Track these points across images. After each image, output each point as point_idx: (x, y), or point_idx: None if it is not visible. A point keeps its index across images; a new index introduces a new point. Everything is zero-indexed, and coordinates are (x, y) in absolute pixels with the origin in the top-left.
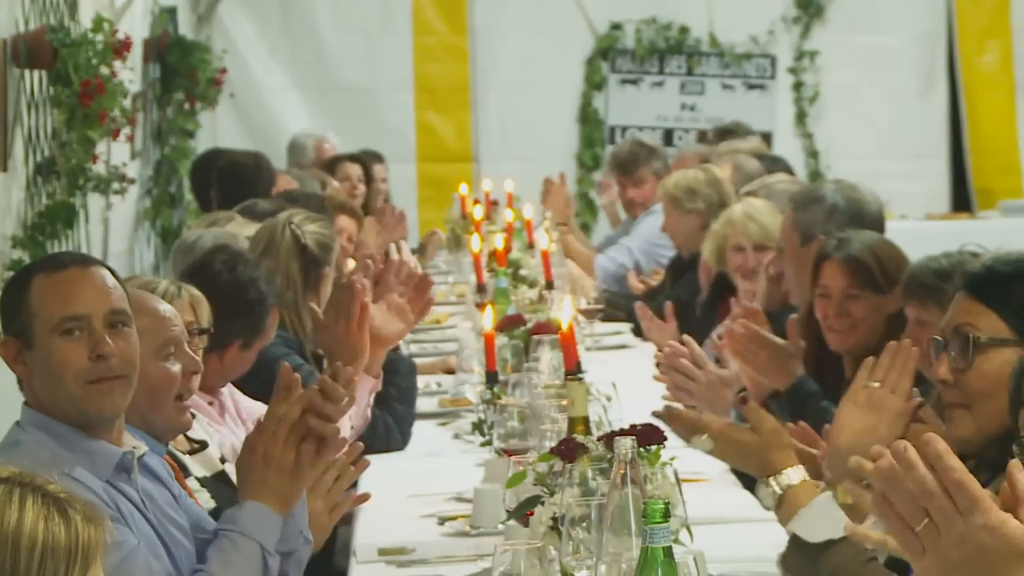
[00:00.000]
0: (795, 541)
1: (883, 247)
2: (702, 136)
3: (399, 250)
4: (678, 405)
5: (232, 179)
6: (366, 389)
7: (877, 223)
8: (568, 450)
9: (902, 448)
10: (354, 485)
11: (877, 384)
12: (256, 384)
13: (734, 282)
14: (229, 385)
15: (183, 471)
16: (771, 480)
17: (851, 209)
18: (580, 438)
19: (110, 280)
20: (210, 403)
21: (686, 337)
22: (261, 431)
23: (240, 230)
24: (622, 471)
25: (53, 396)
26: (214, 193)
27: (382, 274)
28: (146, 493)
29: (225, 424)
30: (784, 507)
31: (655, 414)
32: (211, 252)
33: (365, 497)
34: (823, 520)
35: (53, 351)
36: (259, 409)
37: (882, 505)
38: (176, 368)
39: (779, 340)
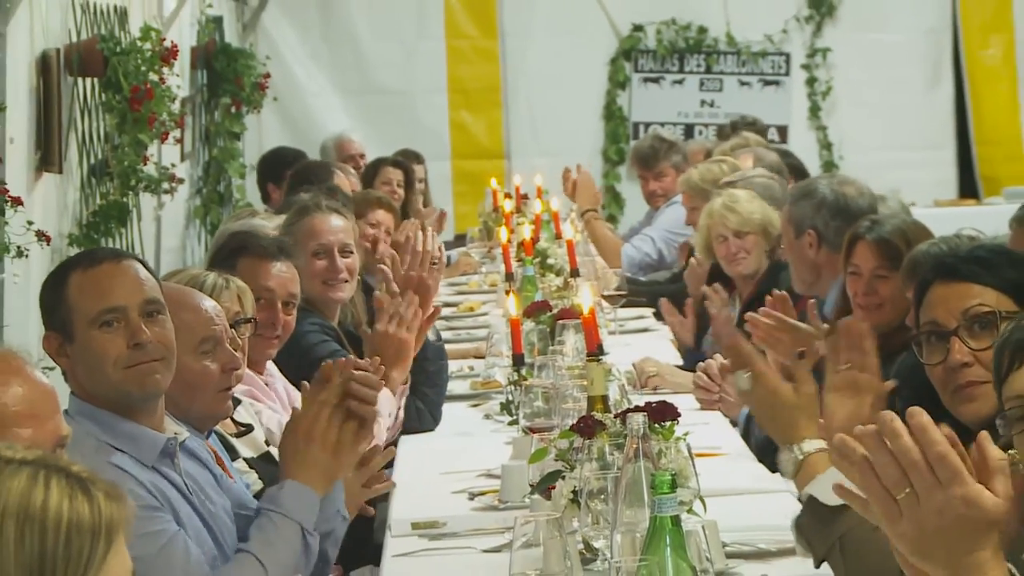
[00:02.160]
0: (810, 504)
1: (914, 230)
2: (722, 131)
3: (424, 238)
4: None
5: (303, 179)
6: (390, 401)
7: (864, 215)
8: (587, 427)
9: (888, 419)
10: (390, 465)
11: (847, 367)
12: (295, 369)
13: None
14: (279, 374)
15: (232, 452)
16: (794, 446)
17: (838, 202)
18: (598, 416)
19: (143, 272)
20: (259, 374)
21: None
22: (302, 415)
23: (266, 222)
24: (635, 445)
25: (96, 385)
26: (278, 192)
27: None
28: (189, 476)
29: (274, 400)
30: (803, 472)
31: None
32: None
33: (390, 484)
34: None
35: (93, 343)
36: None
37: (865, 470)
38: (214, 366)
39: (801, 324)
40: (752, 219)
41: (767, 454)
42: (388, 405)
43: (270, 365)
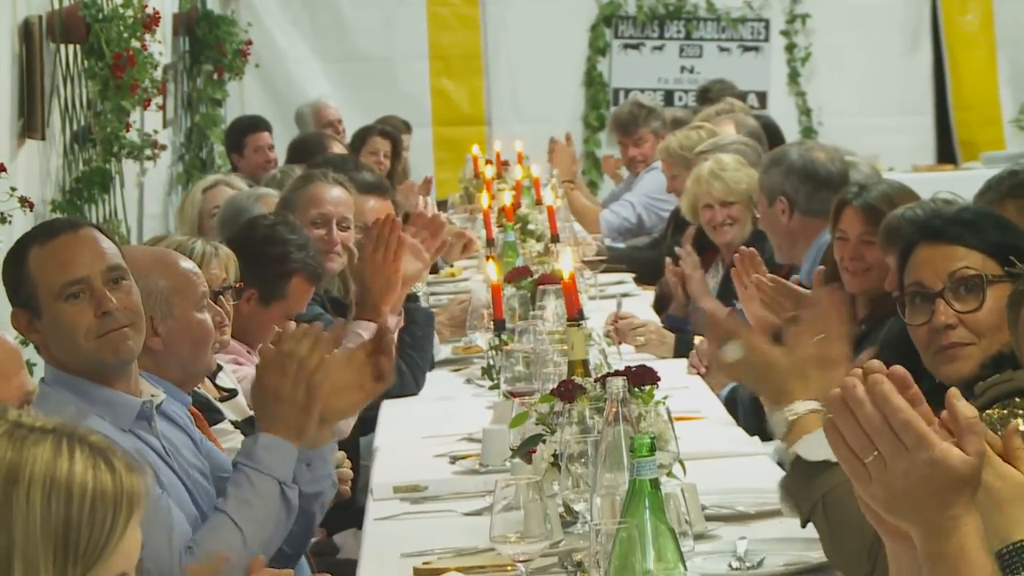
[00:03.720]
0: (796, 462)
1: (900, 195)
2: (701, 95)
3: (425, 205)
4: None
5: (299, 152)
6: (391, 325)
7: (834, 181)
8: (567, 391)
9: (851, 385)
10: (371, 430)
11: (821, 336)
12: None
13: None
14: None
15: (219, 414)
16: (785, 408)
17: (806, 168)
18: (579, 380)
19: (103, 240)
20: (249, 352)
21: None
22: (267, 367)
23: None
24: (614, 409)
25: (69, 355)
26: (242, 160)
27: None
28: (167, 439)
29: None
30: (792, 432)
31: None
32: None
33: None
34: (825, 445)
35: (61, 316)
36: None
37: (833, 434)
38: (209, 319)
39: (799, 288)
40: (738, 188)
41: (752, 423)
42: None
43: None
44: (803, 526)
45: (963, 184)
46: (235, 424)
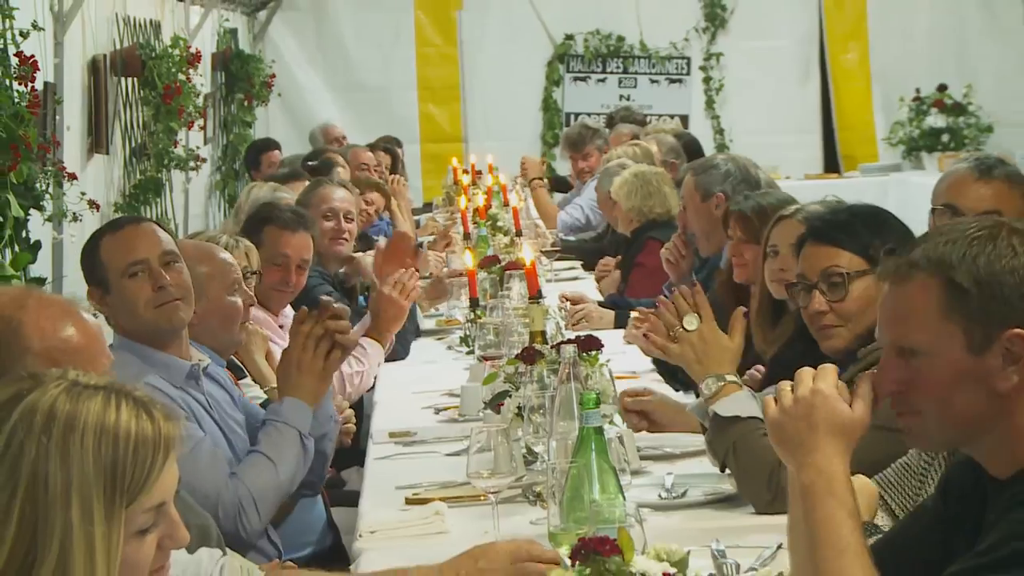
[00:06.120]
0: (714, 419)
1: (772, 208)
2: (609, 119)
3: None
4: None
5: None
6: (380, 353)
7: (759, 183)
8: (529, 356)
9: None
10: (372, 389)
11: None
12: (299, 304)
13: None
14: (291, 310)
15: (243, 372)
16: (719, 375)
17: (741, 172)
18: (538, 347)
19: (159, 231)
20: (275, 316)
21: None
22: (292, 348)
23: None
24: (567, 370)
25: (131, 323)
26: (259, 175)
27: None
28: (211, 396)
29: (284, 339)
30: (716, 395)
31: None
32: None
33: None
34: (738, 404)
35: (125, 290)
36: None
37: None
38: (239, 301)
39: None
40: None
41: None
42: (377, 356)
43: (287, 308)
44: (721, 471)
45: (845, 189)
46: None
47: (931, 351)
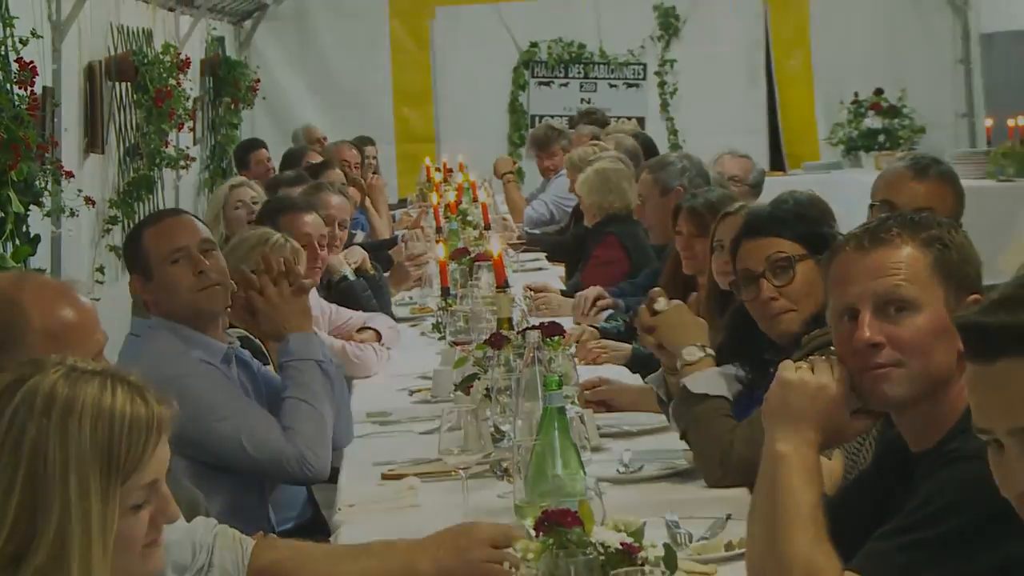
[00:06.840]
0: (683, 391)
1: (721, 202)
2: (571, 120)
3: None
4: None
5: (289, 158)
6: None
7: (711, 179)
8: (496, 341)
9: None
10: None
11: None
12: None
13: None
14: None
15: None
16: (687, 350)
17: (696, 168)
18: (505, 332)
19: (197, 222)
20: None
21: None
22: (264, 293)
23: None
24: (531, 354)
25: (173, 307)
26: (248, 173)
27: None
28: (241, 372)
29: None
30: (696, 364)
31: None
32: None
33: None
34: (707, 381)
35: (167, 276)
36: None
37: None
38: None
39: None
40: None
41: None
42: (373, 360)
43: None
44: (681, 439)
45: (790, 185)
46: None
47: (922, 305)
